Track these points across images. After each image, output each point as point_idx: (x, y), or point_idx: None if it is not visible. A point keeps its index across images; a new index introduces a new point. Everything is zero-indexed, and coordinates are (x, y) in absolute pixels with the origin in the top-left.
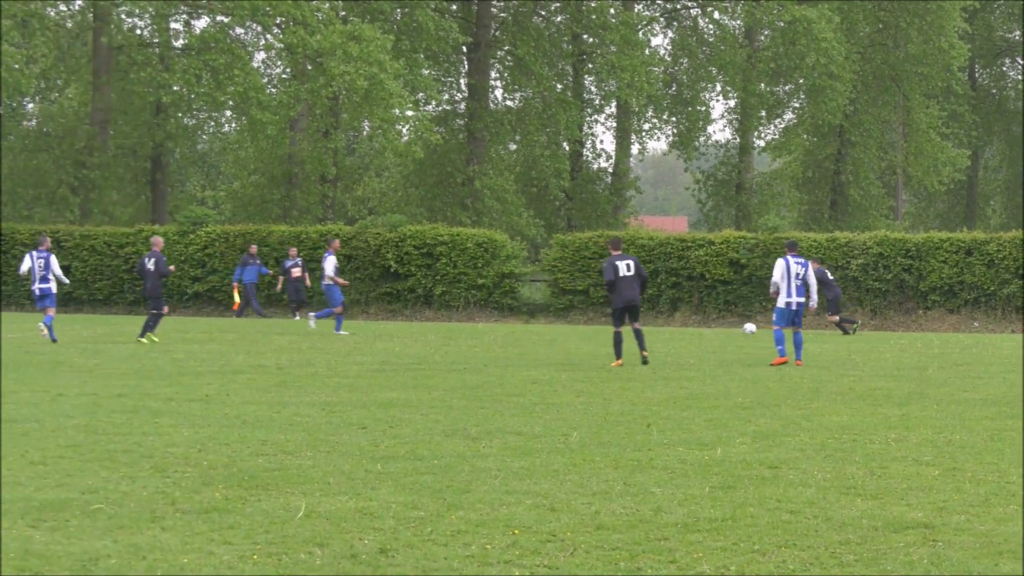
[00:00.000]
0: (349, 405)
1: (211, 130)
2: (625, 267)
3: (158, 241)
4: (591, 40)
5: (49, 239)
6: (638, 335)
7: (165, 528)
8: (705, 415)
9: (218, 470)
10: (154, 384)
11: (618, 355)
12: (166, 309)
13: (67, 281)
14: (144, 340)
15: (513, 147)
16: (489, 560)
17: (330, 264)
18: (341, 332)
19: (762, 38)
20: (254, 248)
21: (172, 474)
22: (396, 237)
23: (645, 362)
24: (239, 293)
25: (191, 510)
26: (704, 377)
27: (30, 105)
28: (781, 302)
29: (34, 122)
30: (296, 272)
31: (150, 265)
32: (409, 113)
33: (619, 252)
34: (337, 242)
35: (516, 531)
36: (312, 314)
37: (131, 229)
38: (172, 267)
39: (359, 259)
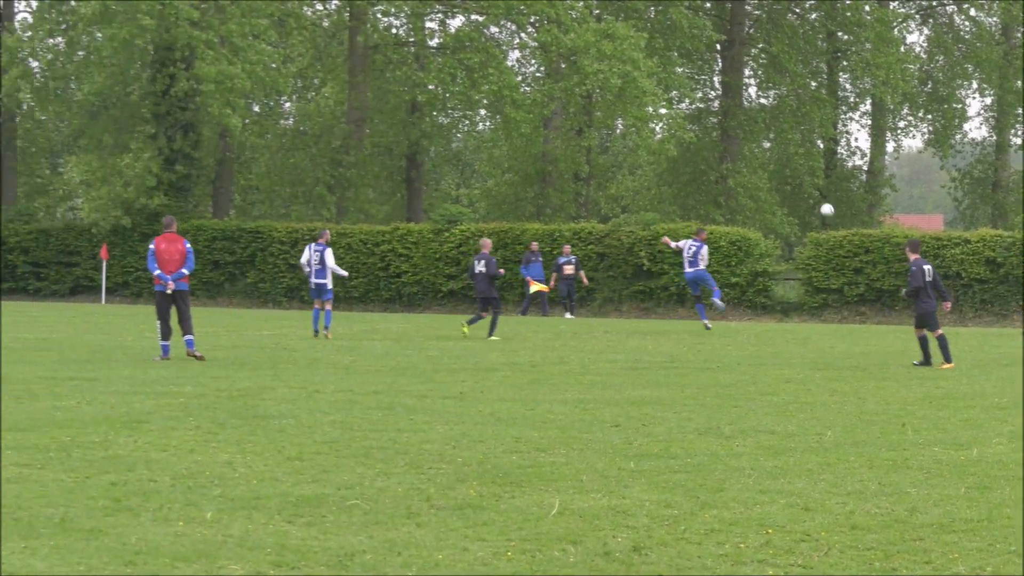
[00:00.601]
0: (602, 403)
1: (465, 128)
2: (927, 273)
3: (487, 243)
4: (846, 37)
5: (328, 232)
6: (940, 342)
7: (420, 524)
8: (961, 415)
9: (472, 467)
10: (409, 381)
11: (948, 358)
12: (485, 313)
13: (345, 273)
14: (496, 337)
15: (767, 145)
16: (743, 559)
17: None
18: (714, 312)
19: (1019, 35)
20: (535, 245)
21: (427, 470)
22: (649, 235)
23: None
24: (532, 283)
25: (445, 506)
26: (960, 376)
27: (287, 104)
28: None
29: (291, 121)
30: (568, 269)
31: (480, 267)
32: (662, 111)
33: (918, 256)
34: (704, 232)
35: (770, 530)
36: (717, 301)
37: (387, 227)
38: (502, 270)
39: (612, 257)
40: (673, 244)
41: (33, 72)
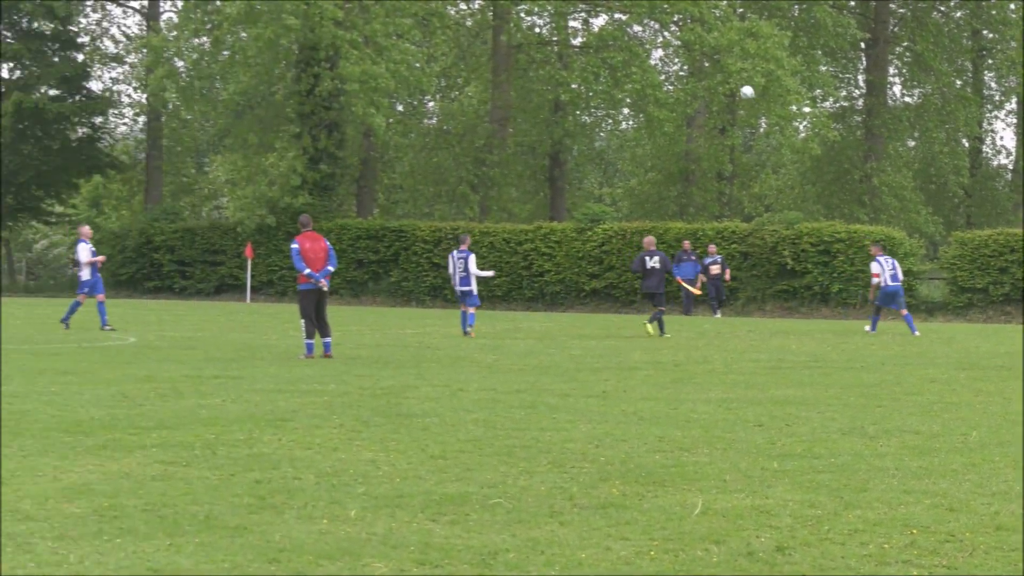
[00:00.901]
0: (745, 402)
1: (609, 127)
2: None
3: (652, 240)
4: (991, 36)
5: (469, 237)
6: None
7: (563, 523)
8: None
9: (615, 466)
10: (552, 380)
11: None
12: (663, 308)
13: (491, 273)
14: (651, 329)
15: (911, 144)
16: (887, 559)
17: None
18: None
19: None
20: (688, 244)
21: (569, 469)
22: (792, 234)
23: None
24: (684, 284)
25: (588, 505)
26: None
27: (431, 103)
28: None
29: (435, 120)
30: (715, 269)
31: (653, 263)
32: (806, 110)
33: None
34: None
35: (914, 531)
36: (912, 326)
37: (529, 226)
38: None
39: (755, 256)
40: (875, 280)
41: (179, 72)
